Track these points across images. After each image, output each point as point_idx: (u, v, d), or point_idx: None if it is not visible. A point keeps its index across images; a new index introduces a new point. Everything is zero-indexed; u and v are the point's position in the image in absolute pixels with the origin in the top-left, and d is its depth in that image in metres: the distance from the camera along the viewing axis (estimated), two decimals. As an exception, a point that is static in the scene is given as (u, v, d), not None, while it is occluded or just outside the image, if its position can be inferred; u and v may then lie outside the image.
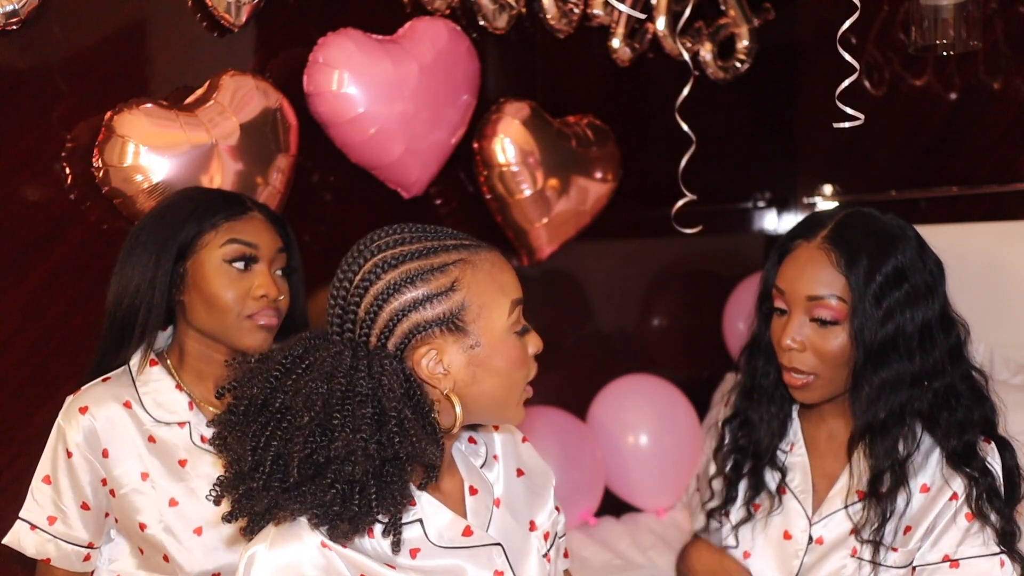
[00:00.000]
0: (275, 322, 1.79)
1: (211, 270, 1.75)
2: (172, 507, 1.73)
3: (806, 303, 1.65)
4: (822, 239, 1.67)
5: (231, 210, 1.78)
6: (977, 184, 3.08)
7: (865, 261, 1.63)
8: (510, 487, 1.44)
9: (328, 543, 1.23)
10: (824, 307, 1.64)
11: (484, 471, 1.43)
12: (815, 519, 1.73)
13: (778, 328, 1.70)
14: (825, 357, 1.65)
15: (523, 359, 1.30)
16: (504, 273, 1.31)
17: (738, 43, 3.21)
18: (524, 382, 1.33)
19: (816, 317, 1.64)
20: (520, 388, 1.32)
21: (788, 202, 3.51)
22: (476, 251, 1.30)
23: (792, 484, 1.76)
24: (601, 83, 3.04)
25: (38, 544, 1.73)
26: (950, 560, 1.60)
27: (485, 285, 1.28)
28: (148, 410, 1.75)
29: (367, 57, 2.32)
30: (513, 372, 1.29)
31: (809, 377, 1.67)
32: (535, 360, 1.34)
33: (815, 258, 1.66)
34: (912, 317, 1.64)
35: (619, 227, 3.09)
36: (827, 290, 1.64)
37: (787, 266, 1.69)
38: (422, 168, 2.48)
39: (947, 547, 1.61)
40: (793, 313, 1.67)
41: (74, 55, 2.06)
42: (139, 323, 1.74)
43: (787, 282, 1.68)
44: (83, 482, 1.72)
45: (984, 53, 2.94)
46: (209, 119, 2.10)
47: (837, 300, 1.63)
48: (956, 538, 1.61)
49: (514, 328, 1.30)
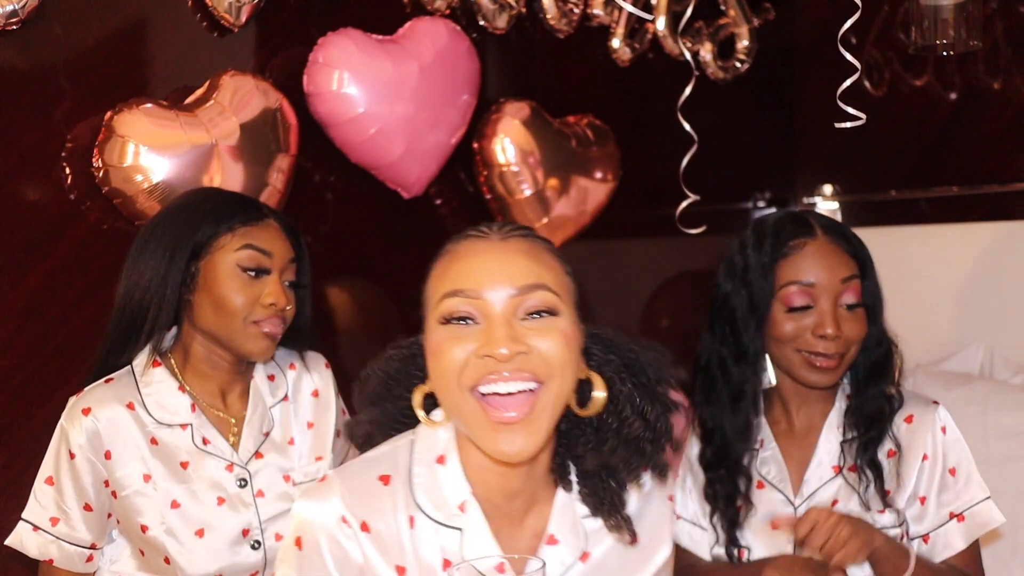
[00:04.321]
0: (279, 331, 1.79)
1: (223, 273, 1.75)
2: (174, 509, 1.73)
3: (838, 288, 1.76)
4: (823, 232, 1.80)
5: (248, 215, 1.78)
6: (977, 184, 3.08)
7: (859, 246, 1.82)
8: (611, 551, 1.34)
9: (349, 520, 1.25)
10: (853, 289, 1.77)
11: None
12: (797, 501, 1.82)
13: (802, 324, 1.78)
14: (855, 338, 1.78)
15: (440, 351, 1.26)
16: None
17: (738, 43, 3.21)
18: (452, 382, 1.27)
19: (845, 302, 1.77)
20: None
21: (788, 202, 3.51)
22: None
23: (769, 476, 1.85)
24: (601, 83, 3.04)
25: (41, 545, 1.73)
26: (955, 516, 1.77)
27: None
28: (150, 412, 1.75)
29: (367, 57, 2.32)
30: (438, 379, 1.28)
31: (838, 358, 1.77)
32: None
33: (831, 248, 1.79)
34: (882, 300, 1.84)
35: (619, 227, 3.09)
36: (852, 271, 1.78)
37: (805, 262, 1.79)
38: (422, 168, 2.48)
39: (950, 505, 1.77)
40: (823, 303, 1.77)
41: (74, 55, 2.05)
42: (149, 319, 1.74)
43: (814, 274, 1.77)
44: (86, 483, 1.71)
45: (984, 53, 2.94)
46: (209, 119, 2.09)
47: (859, 280, 1.79)
48: (951, 495, 1.77)
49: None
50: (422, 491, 1.29)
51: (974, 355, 2.89)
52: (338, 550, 1.25)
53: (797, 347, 1.79)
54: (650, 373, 1.34)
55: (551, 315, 1.22)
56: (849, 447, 1.82)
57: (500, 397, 1.20)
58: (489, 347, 1.19)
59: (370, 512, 1.26)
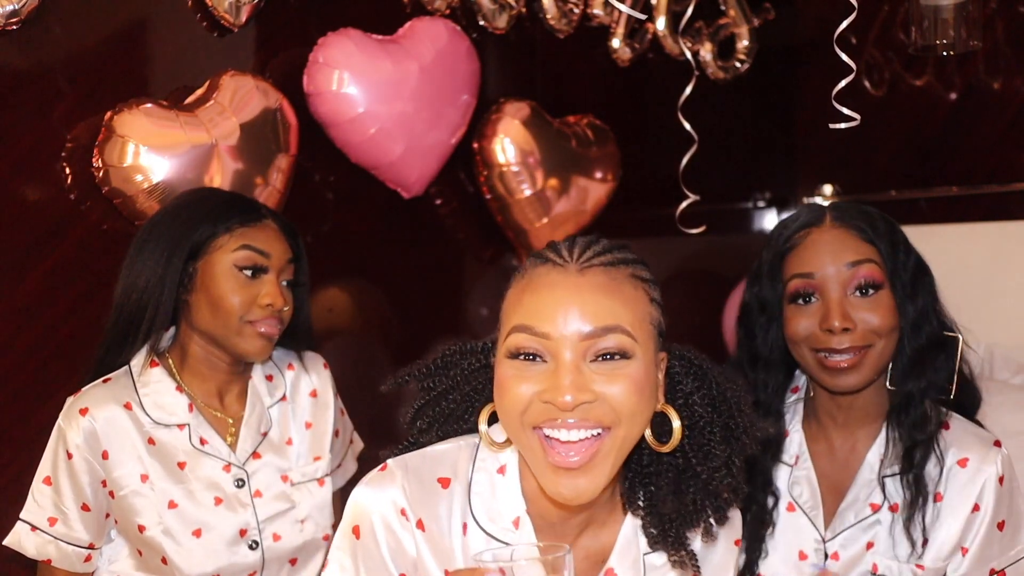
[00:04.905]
0: (275, 331, 1.79)
1: (221, 273, 1.75)
2: (171, 509, 1.73)
3: (845, 275, 1.60)
4: (831, 220, 1.65)
5: (247, 216, 1.78)
6: (977, 184, 3.08)
7: (883, 227, 1.65)
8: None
9: (408, 514, 1.22)
10: (865, 271, 1.60)
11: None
12: (828, 535, 1.66)
13: (811, 319, 1.63)
14: (876, 328, 1.61)
15: (504, 387, 1.21)
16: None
17: (738, 43, 3.21)
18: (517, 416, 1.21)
19: (859, 285, 1.60)
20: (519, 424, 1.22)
21: (788, 202, 3.51)
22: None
23: (800, 500, 1.69)
24: (601, 83, 3.04)
25: (39, 545, 1.73)
26: (996, 573, 1.59)
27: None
28: (148, 412, 1.75)
29: (367, 57, 2.32)
30: (502, 412, 1.23)
31: (860, 353, 1.60)
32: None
33: (838, 234, 1.64)
34: (928, 284, 1.66)
35: (619, 227, 3.09)
36: (863, 255, 1.62)
37: (806, 251, 1.64)
38: (422, 168, 2.48)
39: (992, 561, 1.59)
40: (829, 293, 1.61)
41: (74, 55, 2.06)
42: (146, 319, 1.75)
43: (815, 264, 1.63)
44: (83, 483, 1.71)
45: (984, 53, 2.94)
46: (209, 119, 2.09)
47: (874, 264, 1.61)
48: (995, 549, 1.58)
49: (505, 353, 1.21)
50: (479, 500, 1.26)
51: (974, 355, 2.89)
52: (394, 540, 1.23)
53: (811, 346, 1.64)
54: (736, 414, 1.28)
55: (623, 359, 1.17)
56: (893, 479, 1.62)
57: (562, 443, 1.17)
58: (553, 394, 1.15)
59: (427, 511, 1.24)
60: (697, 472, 1.25)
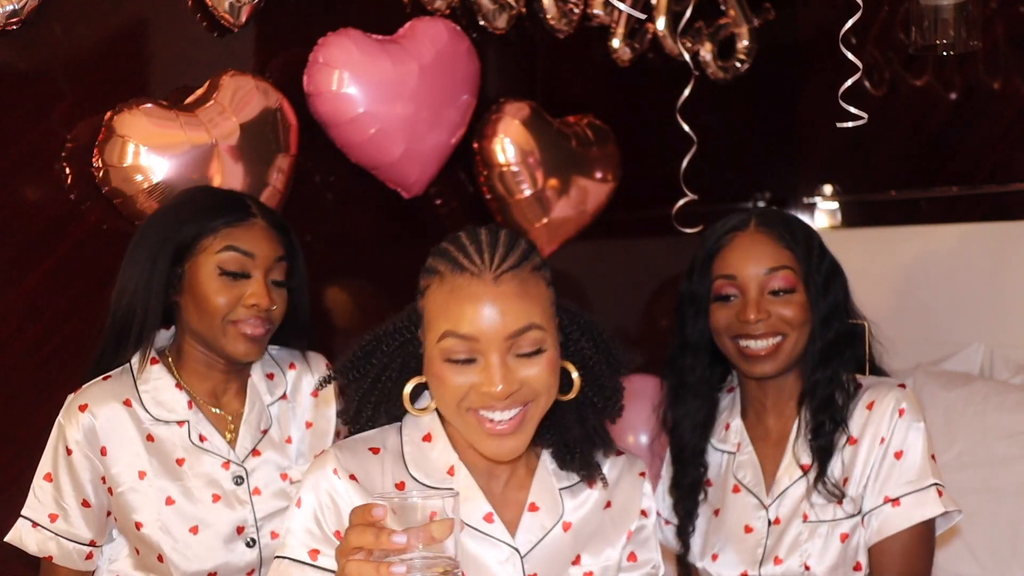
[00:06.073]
0: (261, 332, 1.78)
1: (205, 274, 1.75)
2: (168, 506, 1.73)
3: (762, 279, 1.82)
4: (755, 226, 1.86)
5: (233, 215, 1.78)
6: (977, 184, 3.08)
7: (800, 234, 1.87)
8: (590, 517, 1.50)
9: (339, 472, 1.38)
10: (781, 277, 1.82)
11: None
12: (768, 501, 1.85)
13: (731, 312, 1.84)
14: (789, 320, 1.82)
15: (442, 381, 1.37)
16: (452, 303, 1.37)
17: (738, 43, 3.21)
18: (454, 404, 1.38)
19: (773, 289, 1.82)
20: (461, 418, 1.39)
21: (788, 202, 3.51)
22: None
23: (745, 480, 1.89)
24: (601, 83, 3.04)
25: (40, 542, 1.73)
26: (890, 501, 1.77)
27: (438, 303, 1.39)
28: (147, 408, 1.75)
29: (367, 57, 2.32)
30: (438, 396, 1.40)
31: (776, 339, 1.82)
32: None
33: (758, 239, 1.85)
34: (840, 284, 1.88)
35: (619, 227, 3.09)
36: (779, 262, 1.83)
37: (731, 254, 1.85)
38: (422, 168, 2.48)
39: (887, 489, 1.77)
40: (749, 292, 1.82)
41: (74, 55, 2.06)
42: (136, 323, 1.75)
43: (737, 267, 1.84)
44: (83, 480, 1.72)
45: (984, 53, 2.94)
46: (209, 119, 2.09)
47: (788, 269, 1.83)
48: (892, 479, 1.77)
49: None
50: (413, 463, 1.43)
51: (974, 355, 2.89)
52: (331, 503, 1.37)
53: (730, 335, 1.85)
54: (611, 345, 1.54)
55: (540, 351, 1.37)
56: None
57: (496, 420, 1.37)
58: (488, 387, 1.34)
59: (359, 469, 1.39)
60: (594, 403, 1.50)
